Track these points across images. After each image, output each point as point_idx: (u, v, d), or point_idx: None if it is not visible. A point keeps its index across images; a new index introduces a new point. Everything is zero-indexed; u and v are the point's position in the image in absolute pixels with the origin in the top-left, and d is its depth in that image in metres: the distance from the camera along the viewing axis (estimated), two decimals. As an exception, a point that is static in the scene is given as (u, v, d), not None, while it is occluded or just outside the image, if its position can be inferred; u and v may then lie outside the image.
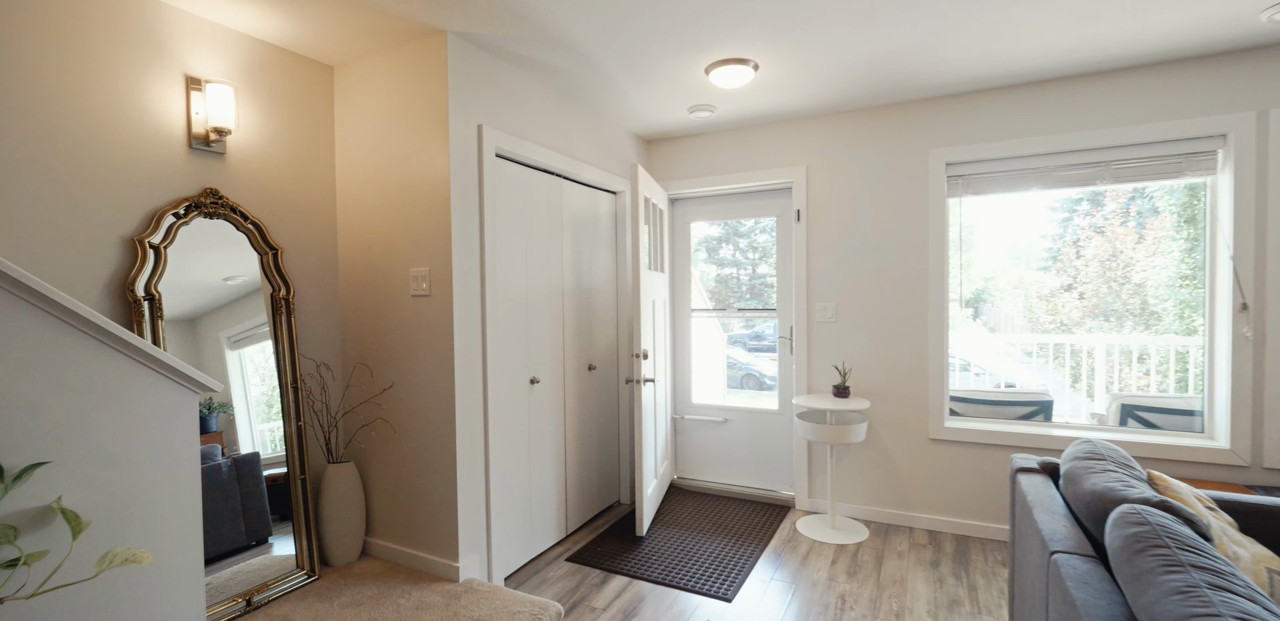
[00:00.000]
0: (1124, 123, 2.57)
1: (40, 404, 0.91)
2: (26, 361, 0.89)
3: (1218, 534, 1.46)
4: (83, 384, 0.95)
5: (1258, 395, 2.40)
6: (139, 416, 1.02)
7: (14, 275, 0.88)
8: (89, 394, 0.96)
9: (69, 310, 0.93)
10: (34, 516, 0.88)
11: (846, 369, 3.12)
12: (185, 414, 1.09)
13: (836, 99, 2.90)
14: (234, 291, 2.08)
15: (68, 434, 0.94)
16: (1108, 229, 7.36)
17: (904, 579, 2.47)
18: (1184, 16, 2.07)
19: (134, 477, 1.01)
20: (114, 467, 0.98)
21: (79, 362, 0.95)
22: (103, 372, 0.97)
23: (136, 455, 1.02)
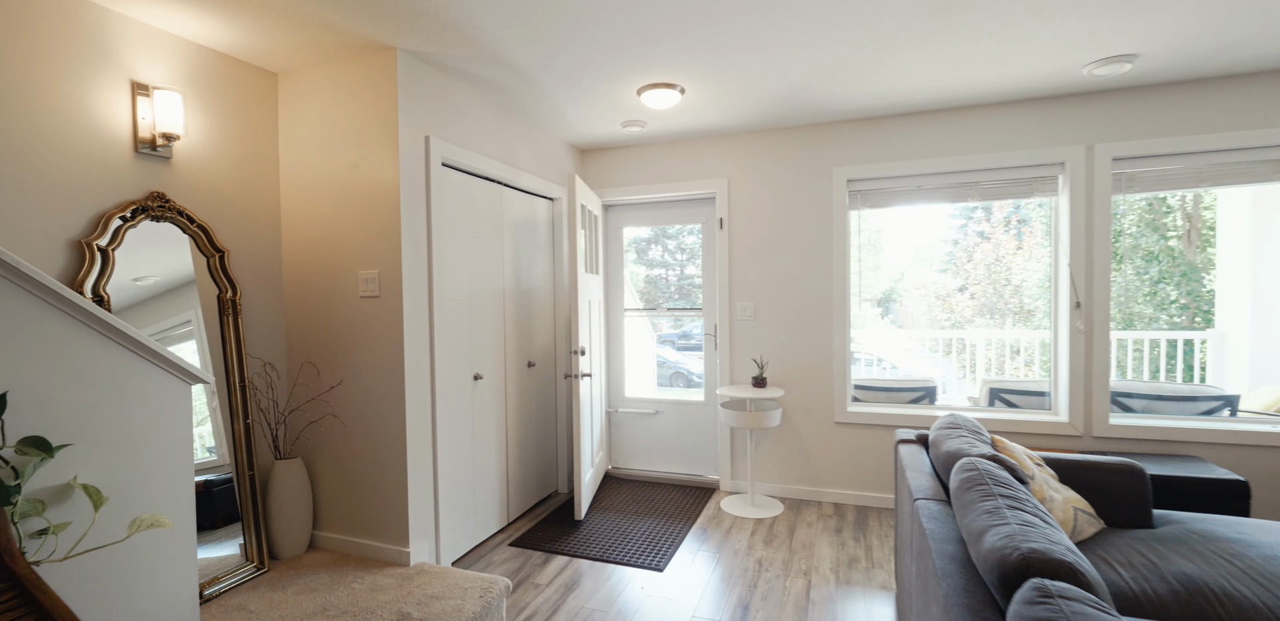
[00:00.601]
0: (988, 150, 3.05)
1: (54, 393, 1.01)
2: (43, 355, 0.99)
3: (1040, 481, 1.86)
4: (92, 375, 1.06)
5: (1088, 378, 2.93)
6: (140, 404, 1.13)
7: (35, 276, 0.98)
8: (98, 384, 1.06)
9: (80, 308, 1.04)
10: (55, 492, 0.98)
11: (764, 362, 3.47)
12: (180, 401, 1.20)
13: (754, 120, 3.23)
14: (147, 292, 2.11)
15: (79, 420, 1.04)
16: (993, 236, 8.27)
17: (812, 544, 2.83)
18: (1026, 67, 2.53)
19: (137, 458, 1.12)
20: (120, 450, 1.09)
21: (88, 356, 1.05)
22: (108, 365, 1.08)
23: (139, 438, 1.13)
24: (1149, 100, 2.80)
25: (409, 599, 2.05)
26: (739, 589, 2.41)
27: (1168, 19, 2.10)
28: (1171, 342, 4.53)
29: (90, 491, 0.98)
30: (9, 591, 0.85)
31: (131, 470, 1.11)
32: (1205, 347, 4.42)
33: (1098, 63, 2.48)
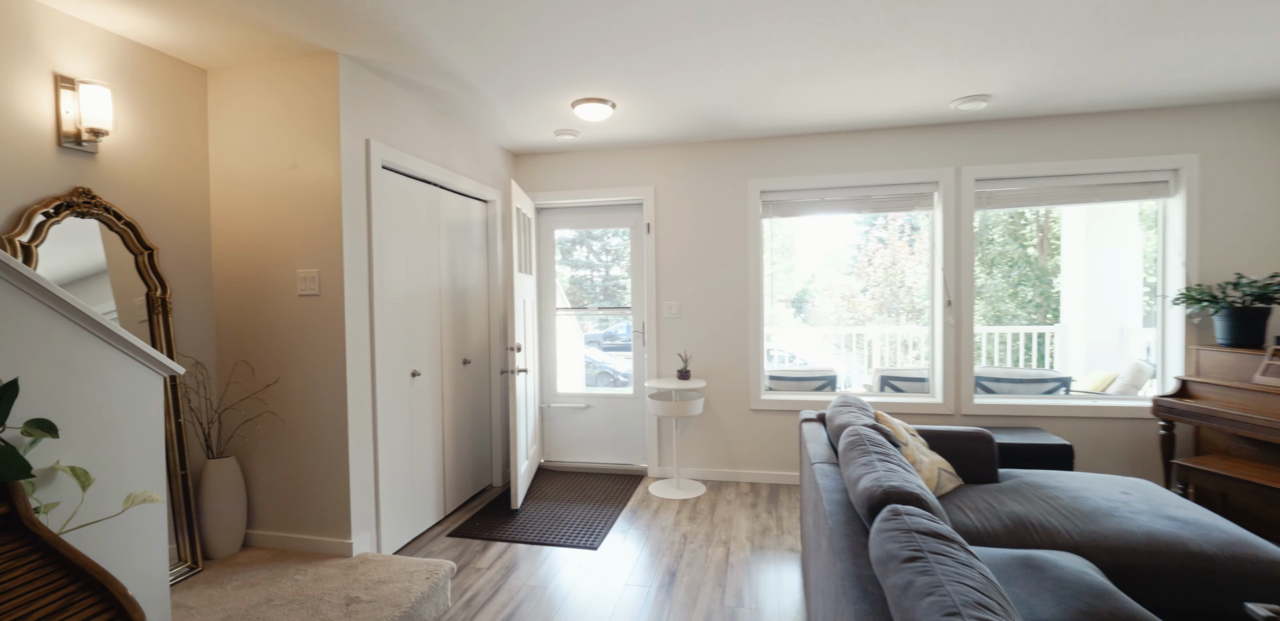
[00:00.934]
0: (879, 168, 3.51)
1: (39, 383, 1.07)
2: (26, 346, 1.05)
3: (913, 447, 2.24)
4: (72, 366, 1.12)
5: (957, 366, 3.44)
6: (116, 393, 1.19)
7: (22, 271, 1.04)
8: (78, 374, 1.12)
9: (63, 301, 1.10)
10: (41, 475, 1.04)
11: (688, 356, 3.76)
12: (152, 391, 1.27)
13: (679, 133, 3.52)
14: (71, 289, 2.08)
15: (62, 408, 1.10)
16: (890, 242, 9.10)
17: (731, 518, 3.14)
18: (907, 100, 2.97)
19: (113, 443, 1.19)
20: (98, 436, 1.15)
21: (68, 347, 1.11)
22: (87, 356, 1.14)
23: (115, 425, 1.19)
24: (1003, 132, 3.34)
25: (356, 585, 2.14)
26: (666, 559, 2.67)
27: (1007, 70, 2.58)
28: (1029, 335, 5.29)
29: (78, 473, 1.05)
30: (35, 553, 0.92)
31: (109, 454, 1.17)
32: (1053, 339, 5.20)
33: (961, 99, 2.95)
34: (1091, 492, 2.11)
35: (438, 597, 2.20)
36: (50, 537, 0.91)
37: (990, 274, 6.43)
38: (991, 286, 6.25)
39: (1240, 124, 3.11)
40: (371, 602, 2.02)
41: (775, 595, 2.32)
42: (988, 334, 5.40)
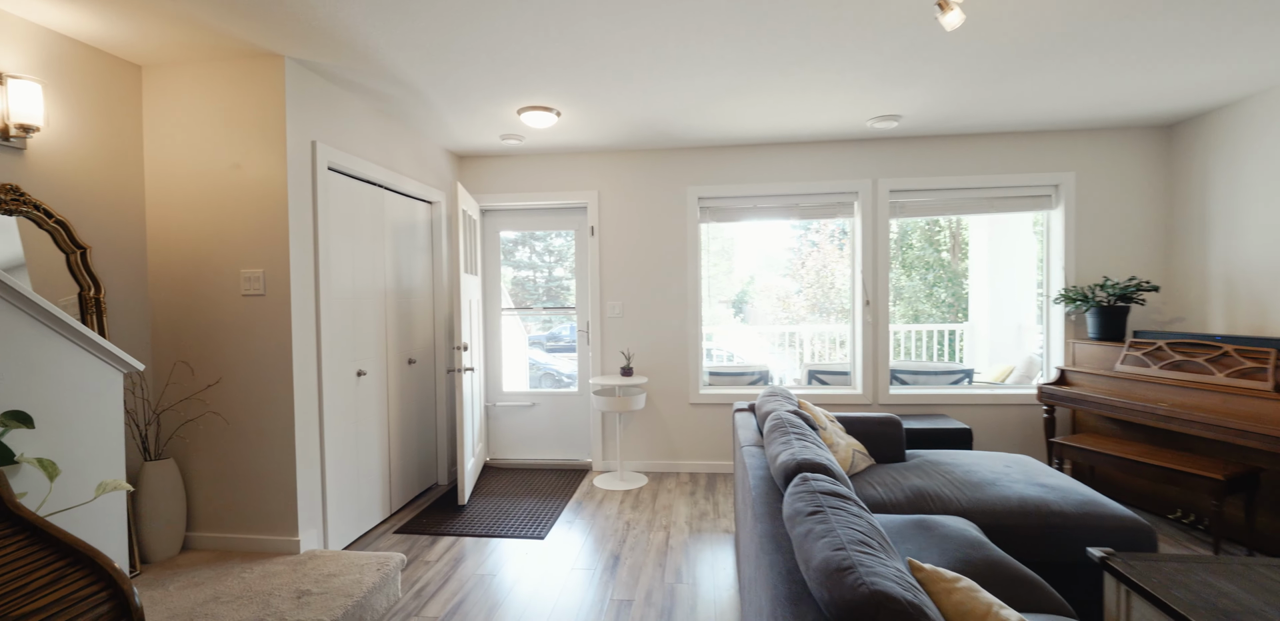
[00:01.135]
0: (807, 178, 3.79)
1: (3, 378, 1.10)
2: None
3: (831, 431, 2.49)
4: (36, 363, 1.15)
5: (875, 360, 3.78)
6: (77, 389, 1.22)
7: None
8: (42, 371, 1.15)
9: (29, 300, 1.14)
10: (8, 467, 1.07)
11: (630, 353, 3.93)
12: (113, 387, 1.30)
13: (622, 142, 3.68)
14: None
15: (27, 403, 1.13)
16: (821, 246, 9.60)
17: (671, 505, 3.33)
18: (829, 118, 3.25)
19: (75, 437, 1.22)
20: (61, 429, 1.19)
21: (33, 345, 1.14)
22: (50, 353, 1.17)
23: (76, 419, 1.22)
24: (913, 148, 3.70)
25: (306, 578, 2.18)
26: (611, 544, 2.82)
27: (914, 94, 2.89)
28: (942, 332, 5.78)
29: (46, 464, 1.09)
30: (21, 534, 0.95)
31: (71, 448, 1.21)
32: (963, 336, 5.71)
33: (875, 118, 3.27)
34: (980, 467, 2.42)
35: (389, 588, 2.26)
36: (35, 519, 0.96)
37: (910, 276, 6.95)
38: (911, 288, 6.77)
39: (1110, 146, 3.58)
40: (323, 594, 2.07)
41: (711, 570, 2.52)
42: (907, 331, 5.85)
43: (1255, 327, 3.02)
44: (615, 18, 2.06)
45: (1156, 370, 2.90)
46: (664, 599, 2.30)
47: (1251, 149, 3.02)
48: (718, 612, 2.19)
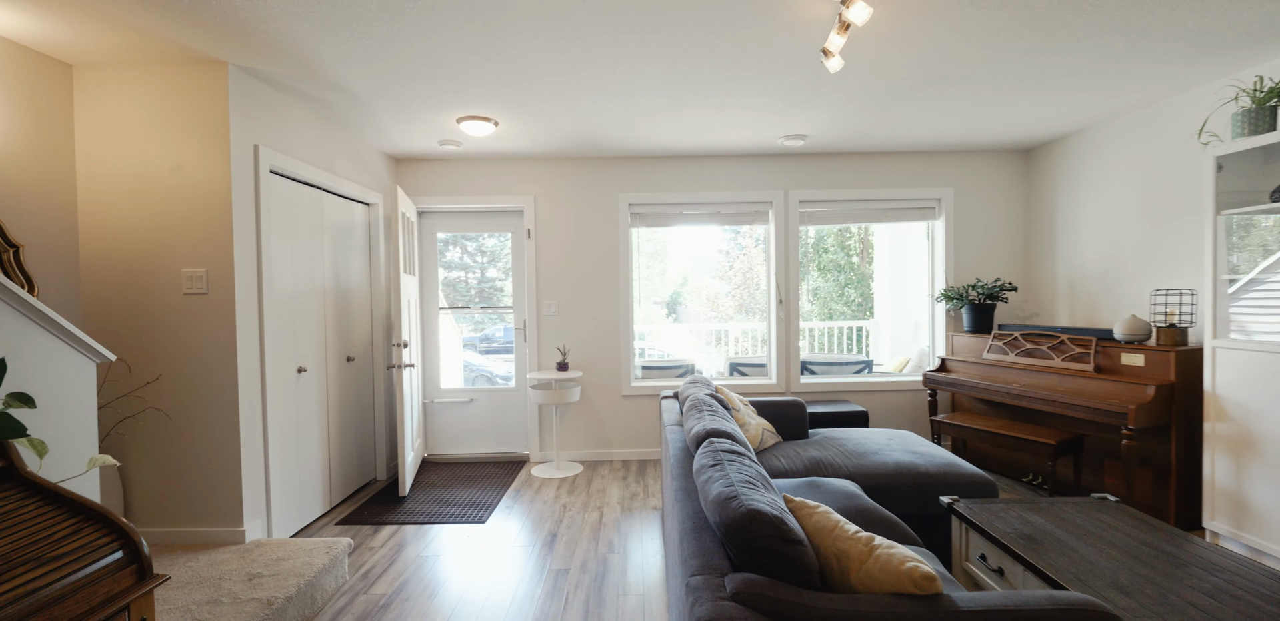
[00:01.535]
0: (727, 188, 4.16)
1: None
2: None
3: (744, 413, 2.84)
4: (20, 352, 1.25)
5: (787, 353, 4.19)
6: (58, 377, 1.32)
7: None
8: (25, 359, 1.26)
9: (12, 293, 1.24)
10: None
11: (566, 349, 4.17)
12: (87, 375, 1.40)
13: (558, 150, 3.91)
14: None
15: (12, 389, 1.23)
16: (748, 249, 10.13)
17: (605, 489, 3.60)
18: (744, 135, 3.62)
19: (55, 422, 1.32)
20: (43, 415, 1.29)
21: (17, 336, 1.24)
22: (33, 343, 1.27)
23: (55, 406, 1.32)
24: (819, 163, 4.15)
25: (255, 564, 2.28)
26: (548, 524, 3.05)
27: (816, 117, 3.30)
28: (851, 329, 6.35)
29: (35, 443, 1.20)
30: (35, 496, 1.07)
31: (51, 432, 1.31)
32: (869, 331, 6.31)
33: (785, 137, 3.67)
34: (867, 441, 2.83)
35: (337, 570, 2.40)
36: (48, 484, 1.08)
37: (825, 278, 7.55)
38: (826, 288, 7.37)
39: (981, 166, 4.16)
40: (274, 576, 2.18)
41: (640, 542, 2.81)
42: (822, 328, 6.39)
43: (1088, 320, 3.64)
44: (551, 44, 2.31)
45: (1013, 357, 3.44)
46: (598, 566, 2.56)
47: (1085, 172, 3.65)
48: (645, 575, 2.47)
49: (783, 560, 1.11)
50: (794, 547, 1.12)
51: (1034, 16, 2.12)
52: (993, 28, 2.21)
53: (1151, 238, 3.22)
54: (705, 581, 1.10)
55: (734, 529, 1.15)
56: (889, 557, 1.13)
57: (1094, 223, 3.59)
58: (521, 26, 2.15)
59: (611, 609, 2.21)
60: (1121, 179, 3.39)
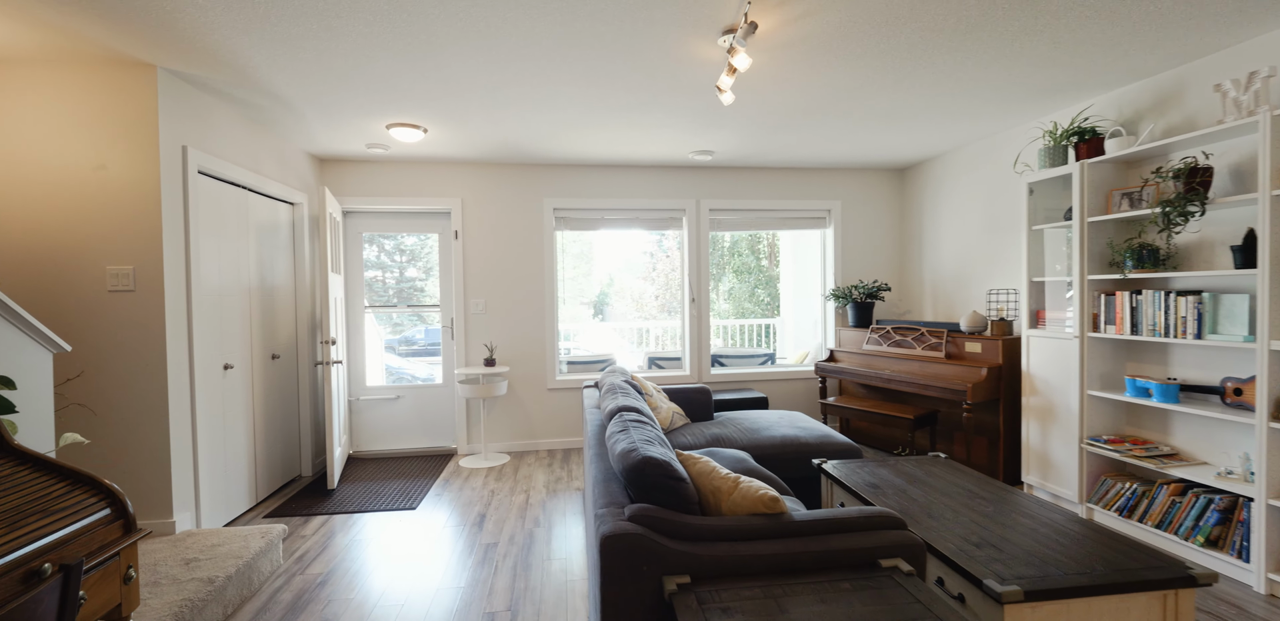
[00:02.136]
0: (646, 196, 4.53)
1: None
2: None
3: (657, 397, 3.19)
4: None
5: (699, 347, 4.61)
6: (17, 366, 1.43)
7: None
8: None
9: None
10: None
11: (493, 346, 4.38)
12: (44, 365, 1.51)
13: (486, 156, 4.12)
14: None
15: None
16: (671, 251, 10.57)
17: (531, 475, 3.85)
18: (659, 149, 4.00)
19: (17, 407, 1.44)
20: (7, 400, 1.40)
21: None
22: None
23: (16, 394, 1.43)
24: (726, 176, 4.60)
25: (189, 550, 2.37)
26: (478, 507, 3.28)
27: (721, 137, 3.72)
28: (760, 325, 6.92)
29: (7, 423, 1.32)
30: (26, 465, 1.19)
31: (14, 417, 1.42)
32: (776, 328, 6.91)
33: (695, 152, 4.08)
34: (762, 420, 3.27)
35: (272, 554, 2.52)
36: (37, 454, 1.22)
37: (739, 280, 8.12)
38: (739, 289, 7.93)
39: (864, 182, 4.76)
40: (211, 560, 2.29)
41: (563, 517, 3.10)
42: (736, 325, 6.91)
43: (946, 315, 4.30)
44: (480, 66, 2.55)
45: (886, 347, 4.02)
46: (524, 539, 2.83)
47: (944, 191, 4.30)
48: (568, 544, 2.77)
49: (670, 493, 1.46)
50: (678, 484, 1.47)
51: (884, 68, 2.61)
52: (853, 75, 2.69)
53: (990, 246, 3.89)
54: (610, 511, 1.42)
55: (632, 472, 1.48)
56: (749, 489, 1.50)
57: (950, 233, 4.25)
58: (454, 50, 2.39)
59: (537, 572, 2.49)
60: (969, 197, 4.06)
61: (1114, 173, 2.88)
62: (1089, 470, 2.89)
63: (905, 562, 1.34)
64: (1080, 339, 2.87)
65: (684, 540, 1.35)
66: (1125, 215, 2.67)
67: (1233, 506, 2.35)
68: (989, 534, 1.76)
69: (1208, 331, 2.41)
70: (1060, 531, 1.77)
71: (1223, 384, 2.42)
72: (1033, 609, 1.45)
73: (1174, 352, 2.72)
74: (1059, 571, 1.52)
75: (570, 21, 2.15)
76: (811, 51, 2.43)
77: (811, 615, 1.13)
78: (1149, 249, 2.63)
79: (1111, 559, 1.59)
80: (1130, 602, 1.50)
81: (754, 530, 1.39)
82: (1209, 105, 2.56)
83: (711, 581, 1.29)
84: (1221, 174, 2.50)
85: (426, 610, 2.20)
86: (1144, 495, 2.65)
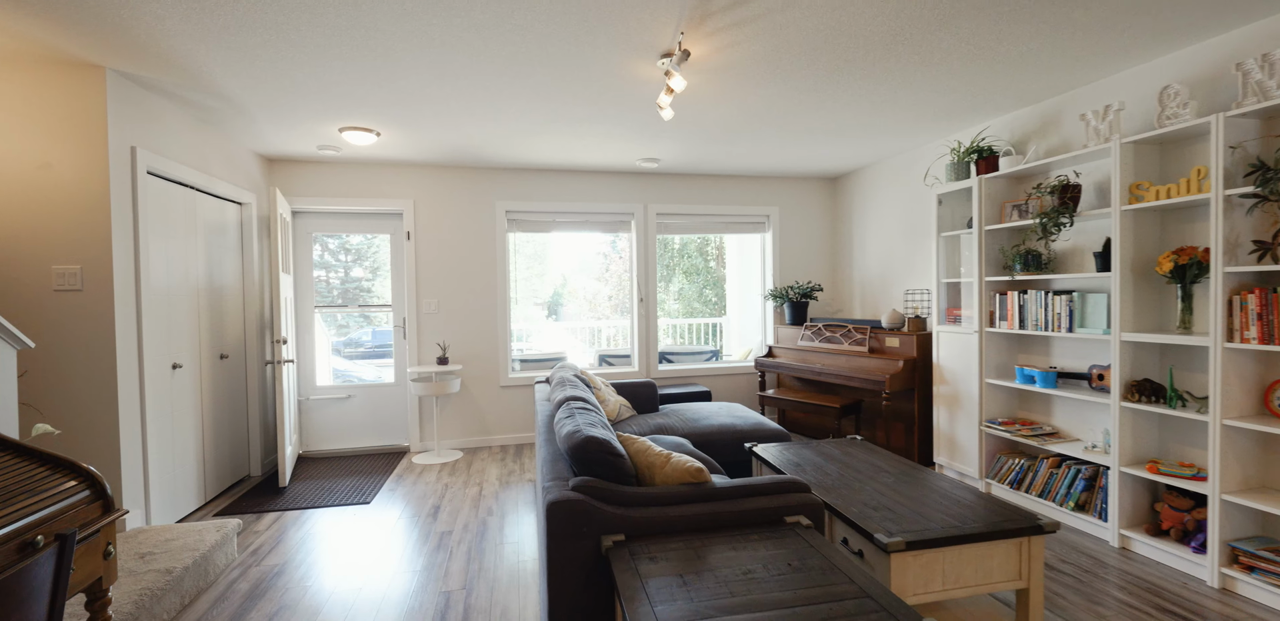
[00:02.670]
0: (596, 200, 4.72)
1: None
2: None
3: (605, 391, 3.40)
4: None
5: (647, 344, 4.84)
6: None
7: None
8: None
9: None
10: None
11: (446, 345, 4.47)
12: (9, 362, 1.57)
13: (439, 158, 4.22)
14: None
15: None
16: (624, 252, 10.75)
17: (484, 470, 3.98)
18: (608, 156, 4.20)
19: None
20: None
21: None
22: None
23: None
24: (672, 182, 4.85)
25: (143, 545, 2.41)
26: (432, 499, 3.39)
27: (666, 146, 3.96)
28: (708, 324, 7.22)
29: None
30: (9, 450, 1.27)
31: None
32: (723, 326, 7.22)
33: (642, 159, 4.30)
34: (703, 411, 3.52)
35: (227, 547, 2.59)
36: (19, 441, 1.30)
37: (688, 281, 8.41)
38: (688, 289, 8.23)
39: (800, 190, 5.11)
40: (166, 553, 2.35)
41: (515, 506, 3.26)
42: (686, 324, 7.19)
43: (873, 313, 4.67)
44: (436, 78, 2.69)
45: (818, 343, 4.35)
46: (478, 526, 2.98)
47: (870, 199, 4.68)
48: (520, 530, 2.93)
49: (609, 467, 1.66)
50: (617, 459, 1.68)
51: (807, 90, 2.90)
52: (781, 95, 2.96)
53: (908, 250, 4.27)
54: (556, 483, 1.62)
55: (576, 449, 1.68)
56: (679, 462, 1.73)
57: (876, 238, 4.63)
58: (410, 62, 2.52)
59: (491, 555, 2.65)
60: (890, 205, 4.44)
61: (1007, 187, 3.28)
62: (987, 449, 3.27)
63: (806, 518, 1.59)
64: (979, 333, 3.25)
65: (620, 505, 1.56)
66: (1015, 224, 3.05)
67: (1095, 475, 2.75)
68: (886, 500, 2.04)
69: (1078, 326, 2.80)
70: (947, 497, 2.07)
71: (1090, 370, 2.82)
72: (914, 556, 1.73)
73: (1054, 344, 3.12)
74: (938, 526, 1.81)
75: (520, 42, 2.33)
76: (742, 75, 2.69)
77: (723, 559, 1.36)
78: (1033, 254, 3.02)
79: (983, 517, 1.89)
80: (993, 549, 1.80)
81: (680, 496, 1.61)
82: (1079, 131, 2.96)
83: (643, 539, 1.50)
84: (1089, 190, 2.90)
85: (384, 592, 2.33)
86: (1029, 469, 3.04)
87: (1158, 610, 2.10)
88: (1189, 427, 2.50)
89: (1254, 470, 2.23)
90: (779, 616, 1.12)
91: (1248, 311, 2.11)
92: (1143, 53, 2.53)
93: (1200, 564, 2.29)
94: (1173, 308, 2.53)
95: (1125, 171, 2.51)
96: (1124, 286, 2.52)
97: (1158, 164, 2.57)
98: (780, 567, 1.32)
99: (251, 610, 2.23)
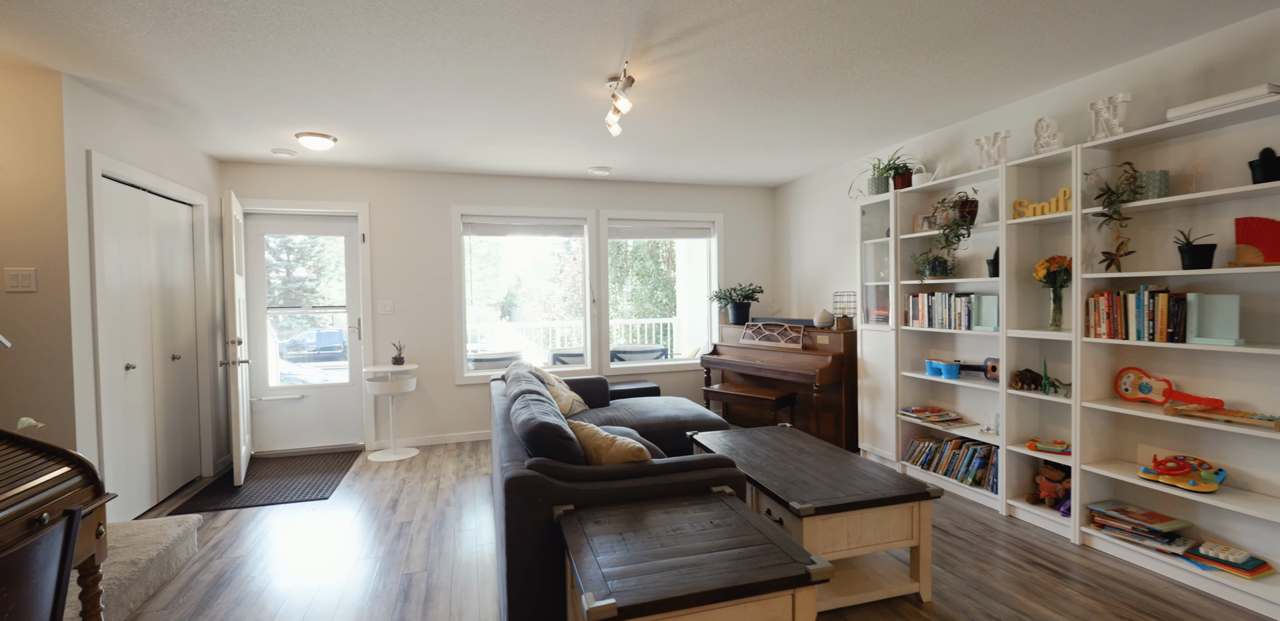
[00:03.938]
0: (550, 205, 4.91)
1: None
2: None
3: (559, 387, 3.60)
4: None
5: (599, 343, 5.07)
6: None
7: None
8: None
9: None
10: None
11: (401, 345, 4.58)
12: None
13: (395, 163, 4.33)
14: None
15: None
16: (578, 255, 10.89)
17: (440, 465, 4.12)
18: (561, 164, 4.41)
19: None
20: None
21: None
22: None
23: None
24: (623, 189, 5.10)
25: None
26: (390, 494, 3.52)
27: (616, 156, 4.20)
28: (659, 325, 7.50)
29: None
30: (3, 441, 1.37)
31: None
32: (673, 326, 7.53)
33: (594, 167, 4.53)
34: (650, 405, 3.78)
35: (188, 541, 2.67)
36: (10, 432, 1.40)
37: (641, 282, 8.68)
38: (640, 291, 8.50)
39: (742, 198, 5.44)
40: (128, 547, 2.42)
41: (472, 497, 3.43)
42: (639, 324, 7.44)
43: (808, 313, 5.05)
44: (394, 91, 2.85)
45: (758, 341, 4.69)
46: (436, 517, 3.14)
47: (806, 208, 5.06)
48: (478, 518, 3.11)
49: (560, 449, 1.89)
50: (567, 442, 1.90)
51: (743, 111, 3.20)
52: (720, 115, 3.25)
53: (838, 255, 4.66)
54: (513, 464, 1.83)
55: (530, 434, 1.89)
56: (623, 444, 1.97)
57: (811, 244, 5.01)
58: (371, 75, 2.67)
59: (450, 541, 2.82)
60: (823, 214, 4.83)
61: (919, 200, 3.68)
62: (903, 435, 3.65)
63: (730, 488, 1.86)
64: (896, 331, 3.63)
65: (570, 481, 1.79)
66: (925, 234, 3.44)
67: (989, 454, 3.16)
68: (804, 476, 2.34)
69: (975, 324, 3.20)
70: (858, 474, 2.39)
71: (985, 363, 3.23)
72: (823, 520, 2.03)
73: (958, 340, 3.53)
74: (844, 496, 2.11)
75: (477, 63, 2.52)
76: (683, 97, 2.96)
77: (657, 521, 1.60)
78: (940, 261, 3.42)
79: (883, 488, 2.21)
80: (890, 512, 2.12)
81: (623, 472, 1.85)
82: (976, 153, 3.38)
83: (590, 508, 1.73)
84: (984, 205, 3.32)
85: (348, 577, 2.48)
86: (937, 451, 3.43)
87: (1029, 564, 2.48)
88: (1059, 410, 2.93)
89: (1107, 444, 2.66)
90: (698, 559, 1.38)
91: (1100, 311, 2.52)
92: (1023, 88, 2.94)
93: (1066, 525, 2.70)
94: (1047, 308, 2.95)
95: (1010, 190, 2.92)
96: (1009, 290, 2.92)
97: (1037, 184, 2.98)
98: (704, 525, 1.58)
99: (218, 597, 2.33)
